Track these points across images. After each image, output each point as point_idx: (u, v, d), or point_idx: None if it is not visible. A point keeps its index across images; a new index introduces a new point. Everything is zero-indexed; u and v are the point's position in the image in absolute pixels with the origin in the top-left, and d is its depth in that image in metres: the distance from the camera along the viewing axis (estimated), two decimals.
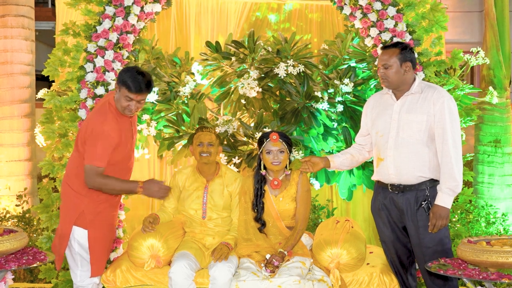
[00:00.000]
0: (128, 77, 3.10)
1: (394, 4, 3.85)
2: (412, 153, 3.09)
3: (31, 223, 4.86)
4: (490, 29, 5.30)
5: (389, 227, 3.26)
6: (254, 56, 4.22)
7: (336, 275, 3.16)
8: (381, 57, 3.15)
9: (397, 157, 3.11)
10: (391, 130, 3.14)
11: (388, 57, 3.10)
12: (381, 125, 3.20)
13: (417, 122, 3.07)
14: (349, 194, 4.28)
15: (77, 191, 3.17)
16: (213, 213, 3.44)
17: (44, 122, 3.92)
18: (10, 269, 2.82)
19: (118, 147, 3.14)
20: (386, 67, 3.10)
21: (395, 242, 3.28)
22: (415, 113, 3.09)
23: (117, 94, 3.15)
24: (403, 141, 3.10)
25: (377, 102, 3.30)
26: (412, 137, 3.08)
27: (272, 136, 3.33)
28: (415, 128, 3.08)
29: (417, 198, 3.10)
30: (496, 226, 4.97)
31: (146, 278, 3.29)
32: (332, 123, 4.18)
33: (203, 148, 3.40)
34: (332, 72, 4.29)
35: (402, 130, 3.11)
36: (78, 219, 3.15)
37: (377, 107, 3.28)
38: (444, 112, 3.03)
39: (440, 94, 3.08)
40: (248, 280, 3.03)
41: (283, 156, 3.33)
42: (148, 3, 3.90)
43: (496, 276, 2.58)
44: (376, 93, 3.43)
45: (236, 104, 4.23)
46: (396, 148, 3.11)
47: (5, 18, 5.32)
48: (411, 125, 3.09)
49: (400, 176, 3.12)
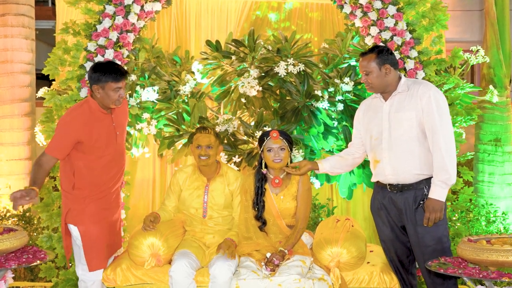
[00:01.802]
0: (106, 71, 3.17)
1: (394, 2, 3.85)
2: (406, 151, 3.09)
3: (31, 222, 4.86)
4: (490, 27, 5.30)
5: (388, 227, 3.26)
6: (254, 55, 4.22)
7: (336, 274, 3.16)
8: (361, 64, 3.18)
9: (392, 157, 3.12)
10: (384, 131, 3.15)
11: (367, 63, 3.13)
12: (374, 129, 3.21)
13: (407, 119, 3.08)
14: (349, 193, 4.28)
15: (64, 190, 3.30)
16: (214, 212, 3.44)
17: (44, 121, 3.92)
18: (10, 268, 2.83)
19: (90, 141, 3.18)
20: (367, 73, 3.14)
21: (395, 242, 3.28)
22: (403, 110, 3.10)
23: (100, 92, 3.17)
24: (396, 140, 3.11)
25: (368, 106, 3.33)
26: (404, 135, 3.09)
27: (273, 134, 3.33)
28: (406, 126, 3.08)
29: (416, 197, 3.10)
30: (496, 225, 4.97)
31: (146, 277, 3.29)
32: (332, 122, 4.17)
33: (201, 151, 3.40)
34: (332, 71, 4.29)
35: (394, 130, 3.12)
36: (67, 216, 3.26)
37: (368, 111, 3.31)
38: (432, 105, 3.03)
39: (426, 88, 3.08)
40: (248, 278, 3.03)
41: (284, 153, 3.34)
42: (148, 2, 3.90)
43: (496, 275, 2.58)
44: (366, 98, 3.45)
45: (236, 103, 4.23)
46: (391, 148, 3.12)
47: (5, 17, 5.31)
48: (401, 123, 3.10)
49: (397, 176, 3.12)
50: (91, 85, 3.20)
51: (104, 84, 3.15)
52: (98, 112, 3.22)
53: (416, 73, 3.83)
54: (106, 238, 3.34)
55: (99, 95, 3.18)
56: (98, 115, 3.22)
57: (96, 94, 3.19)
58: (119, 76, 3.18)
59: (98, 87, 3.17)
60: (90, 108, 3.21)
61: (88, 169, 3.23)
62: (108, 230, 3.36)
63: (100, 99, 3.19)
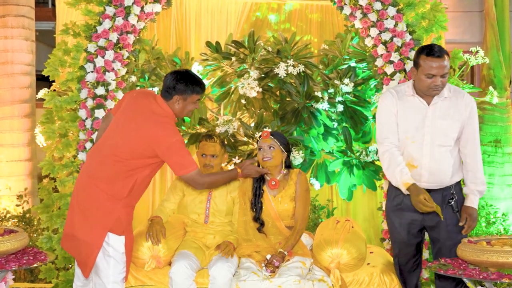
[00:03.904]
0: (191, 82, 2.99)
1: (394, 4, 3.85)
2: (446, 159, 3.07)
3: (31, 223, 4.86)
4: (490, 29, 5.31)
5: (405, 228, 3.18)
6: (254, 56, 4.23)
7: (336, 275, 3.16)
8: (439, 64, 2.94)
9: (432, 164, 3.06)
10: (425, 137, 3.06)
11: (447, 64, 2.97)
12: (412, 131, 3.08)
13: (452, 128, 3.05)
14: (349, 194, 4.28)
15: (114, 196, 2.89)
16: (216, 218, 3.45)
17: (44, 122, 3.92)
18: (11, 269, 2.83)
19: None
20: (444, 75, 2.97)
21: (407, 244, 3.22)
22: (449, 119, 3.05)
23: (179, 103, 2.99)
24: (438, 148, 3.06)
25: (403, 102, 3.12)
26: (446, 142, 3.06)
27: (263, 133, 3.35)
28: (450, 135, 3.06)
29: (444, 196, 3.09)
30: (496, 226, 4.98)
31: (146, 278, 3.29)
32: (332, 123, 4.18)
33: (206, 160, 3.42)
34: (332, 72, 4.30)
35: (437, 137, 3.05)
36: (115, 226, 2.88)
37: (405, 108, 3.11)
38: (474, 117, 3.08)
39: (470, 99, 3.10)
40: (248, 280, 3.03)
41: (273, 152, 3.33)
42: (148, 3, 3.90)
43: (496, 276, 2.59)
44: (392, 90, 3.19)
45: (236, 104, 4.23)
46: (432, 155, 3.06)
47: (5, 18, 5.32)
48: (446, 131, 3.05)
49: (432, 182, 3.08)
50: (173, 95, 2.99)
51: (189, 94, 2.98)
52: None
53: None
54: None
55: (178, 106, 2.99)
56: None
57: (176, 104, 3.00)
58: (204, 88, 3.06)
59: (181, 97, 2.98)
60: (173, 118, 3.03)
61: (149, 178, 3.03)
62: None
63: (179, 109, 3.00)
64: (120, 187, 2.89)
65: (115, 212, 2.87)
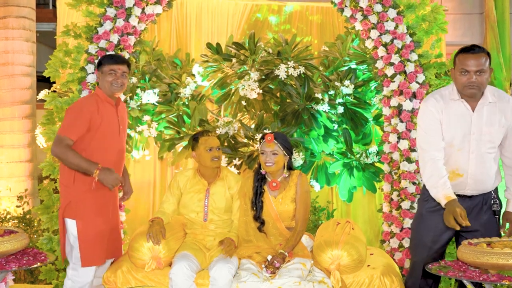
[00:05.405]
0: (105, 56, 3.39)
1: (394, 6, 3.86)
2: (491, 166, 3.00)
3: (31, 224, 4.86)
4: (490, 31, 5.31)
5: (437, 231, 3.06)
6: (254, 58, 4.23)
7: (336, 277, 3.16)
8: (473, 60, 2.83)
9: (478, 172, 2.98)
10: (471, 145, 2.95)
11: (484, 61, 2.83)
12: (458, 138, 2.95)
13: (497, 135, 2.97)
14: (349, 196, 4.29)
15: (64, 184, 3.26)
16: (215, 215, 3.45)
17: (45, 123, 3.92)
18: (11, 270, 2.82)
19: (97, 128, 3.19)
20: (481, 72, 2.83)
21: (433, 247, 3.11)
22: (495, 125, 2.94)
23: (101, 78, 3.30)
24: (485, 155, 2.98)
25: (448, 108, 2.97)
26: (491, 149, 2.98)
27: (267, 137, 3.32)
28: (496, 142, 2.98)
29: (485, 199, 3.04)
30: None
31: (146, 279, 3.29)
32: (332, 124, 4.18)
33: (214, 153, 3.42)
34: (333, 74, 4.30)
35: (483, 144, 2.95)
36: (66, 210, 3.22)
37: (450, 115, 2.96)
38: None
39: None
40: (248, 281, 3.03)
41: (276, 158, 3.31)
42: (149, 5, 3.91)
43: (496, 278, 2.58)
44: (435, 95, 3.02)
45: (237, 105, 4.24)
46: (478, 163, 2.96)
47: (6, 20, 5.33)
48: (492, 138, 2.96)
49: (477, 190, 3.02)
50: (96, 70, 3.35)
51: (102, 67, 3.28)
52: (104, 102, 3.28)
53: (417, 76, 3.84)
54: (104, 234, 3.30)
55: (101, 80, 3.30)
56: (105, 104, 3.28)
57: (99, 82, 3.33)
58: (116, 59, 3.31)
59: (99, 72, 3.30)
60: (97, 96, 3.29)
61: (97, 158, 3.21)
62: (107, 227, 3.33)
63: (101, 83, 3.30)
64: (65, 173, 3.24)
65: (66, 198, 3.24)
